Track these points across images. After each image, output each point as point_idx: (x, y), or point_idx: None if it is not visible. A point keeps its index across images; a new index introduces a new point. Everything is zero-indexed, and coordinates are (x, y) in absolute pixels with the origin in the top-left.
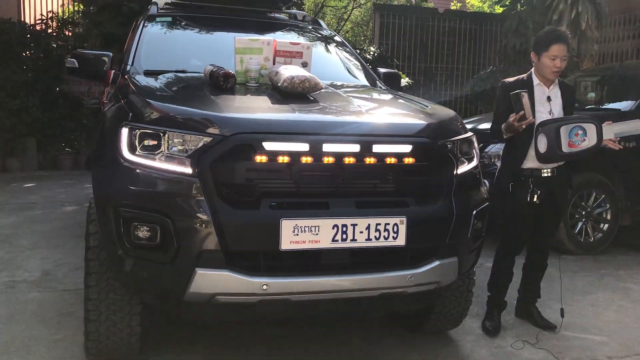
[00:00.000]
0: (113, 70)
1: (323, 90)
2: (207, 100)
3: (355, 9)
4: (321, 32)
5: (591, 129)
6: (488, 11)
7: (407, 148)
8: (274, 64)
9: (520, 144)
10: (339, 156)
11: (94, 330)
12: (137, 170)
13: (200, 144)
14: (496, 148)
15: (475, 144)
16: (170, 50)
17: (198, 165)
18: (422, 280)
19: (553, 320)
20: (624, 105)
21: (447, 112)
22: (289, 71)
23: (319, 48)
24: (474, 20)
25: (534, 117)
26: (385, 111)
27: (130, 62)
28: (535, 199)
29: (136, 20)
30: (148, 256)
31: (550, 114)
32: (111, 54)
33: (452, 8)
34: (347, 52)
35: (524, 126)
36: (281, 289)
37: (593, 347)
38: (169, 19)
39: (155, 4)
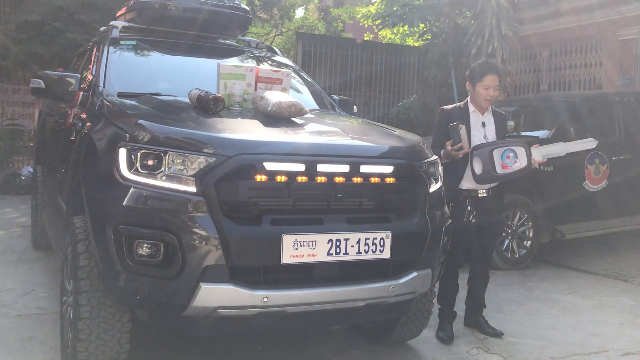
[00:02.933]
0: (81, 92)
1: (306, 115)
2: (202, 122)
3: (277, 36)
4: (280, 60)
5: (521, 151)
6: (399, 42)
7: (389, 169)
8: (255, 89)
9: (457, 167)
10: (332, 176)
11: (83, 350)
12: (139, 190)
13: (204, 164)
14: None
15: (440, 166)
16: (138, 73)
17: (202, 184)
18: (402, 290)
19: (497, 328)
20: (541, 133)
21: (417, 137)
22: (275, 96)
23: None
24: (389, 52)
25: (469, 144)
26: (366, 135)
27: (101, 84)
28: (471, 219)
29: (96, 43)
30: (150, 272)
31: (484, 138)
32: (79, 76)
33: (365, 39)
34: (305, 79)
35: (460, 155)
36: (280, 301)
37: (537, 351)
38: (133, 42)
39: (116, 27)
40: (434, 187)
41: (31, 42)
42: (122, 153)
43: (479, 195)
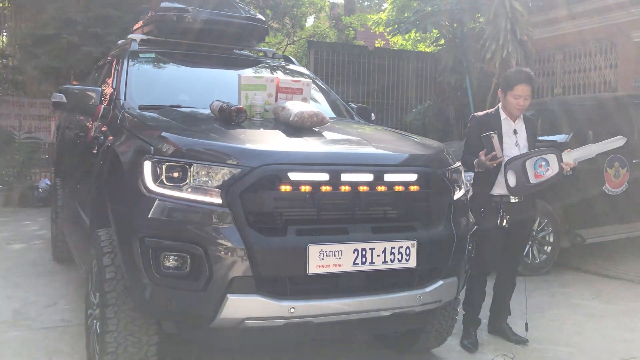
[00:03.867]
0: (102, 105)
1: (328, 125)
2: (225, 133)
3: (289, 45)
4: (297, 69)
5: (552, 158)
6: (411, 49)
7: (413, 177)
8: (276, 100)
9: (489, 173)
10: (356, 185)
11: None
12: (164, 202)
13: (229, 176)
14: None
15: (463, 173)
16: (158, 86)
17: (228, 196)
18: (428, 299)
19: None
20: (559, 137)
21: (439, 144)
22: (297, 106)
23: None
24: (401, 58)
25: (502, 151)
26: (388, 143)
27: (122, 97)
28: (504, 223)
29: (115, 56)
30: (177, 284)
31: (516, 145)
32: (100, 89)
33: (376, 46)
34: (322, 88)
35: (494, 164)
36: (307, 312)
37: (564, 358)
38: (152, 55)
39: (134, 40)
40: (458, 195)
41: (47, 56)
42: (147, 166)
43: (511, 201)
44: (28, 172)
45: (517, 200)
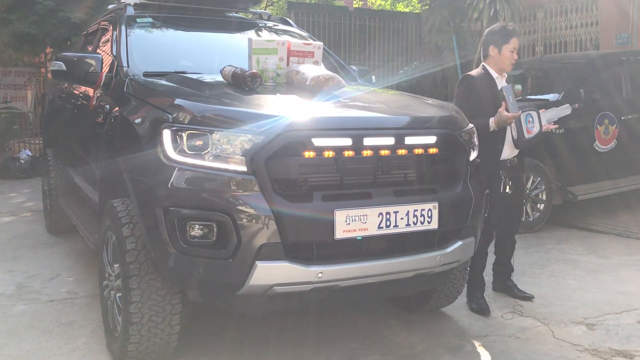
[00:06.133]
0: (104, 73)
1: (343, 89)
2: (243, 99)
3: (268, 7)
4: (296, 31)
5: (535, 116)
6: (390, 9)
7: (432, 139)
8: (287, 64)
9: (498, 137)
10: (377, 149)
11: (135, 332)
12: (187, 171)
13: (253, 142)
14: None
15: (476, 135)
16: (160, 52)
17: (252, 163)
18: (448, 260)
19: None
20: (551, 96)
21: (452, 106)
22: (312, 70)
23: None
24: (382, 19)
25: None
26: (405, 106)
27: (125, 64)
28: (507, 190)
29: (110, 22)
30: (204, 253)
31: None
32: (101, 57)
33: (355, 7)
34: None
35: (513, 120)
36: (334, 276)
37: (569, 312)
38: (149, 19)
39: (129, 4)
40: (472, 155)
41: (21, 22)
42: (167, 135)
43: (509, 165)
44: (7, 144)
45: (514, 163)
